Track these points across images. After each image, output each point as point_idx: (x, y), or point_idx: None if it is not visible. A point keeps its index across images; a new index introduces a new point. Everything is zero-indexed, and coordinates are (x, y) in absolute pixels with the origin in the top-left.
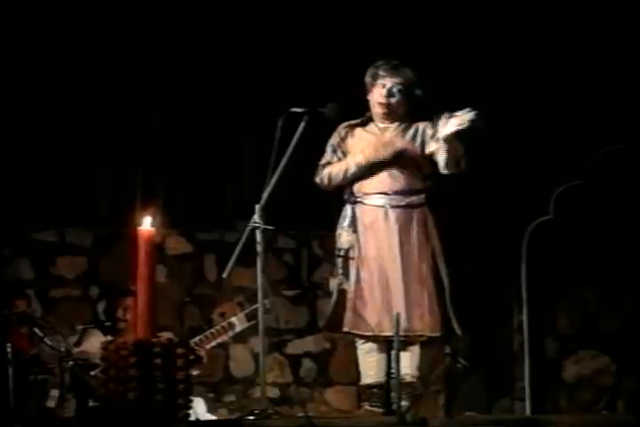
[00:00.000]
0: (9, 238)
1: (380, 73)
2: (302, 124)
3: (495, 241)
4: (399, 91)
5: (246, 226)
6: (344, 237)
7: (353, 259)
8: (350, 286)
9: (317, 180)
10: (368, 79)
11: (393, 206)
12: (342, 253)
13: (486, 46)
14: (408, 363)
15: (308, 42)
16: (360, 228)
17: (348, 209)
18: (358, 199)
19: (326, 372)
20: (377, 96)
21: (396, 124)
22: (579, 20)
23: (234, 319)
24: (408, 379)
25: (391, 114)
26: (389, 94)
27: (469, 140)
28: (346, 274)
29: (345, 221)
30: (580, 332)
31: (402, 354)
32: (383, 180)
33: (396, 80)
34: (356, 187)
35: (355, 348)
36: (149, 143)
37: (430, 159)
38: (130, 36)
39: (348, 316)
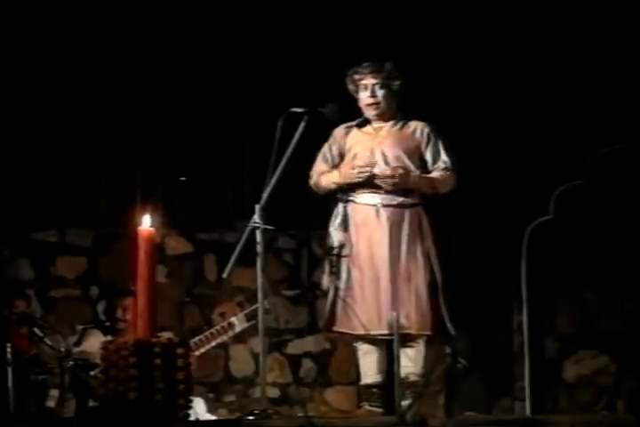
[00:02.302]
0: (9, 238)
1: (359, 76)
2: (302, 124)
3: (495, 241)
4: (381, 87)
5: (246, 226)
6: (335, 236)
7: (343, 257)
8: (341, 285)
9: (310, 184)
10: (351, 87)
11: (384, 205)
12: (334, 251)
13: (487, 46)
14: (412, 362)
15: (308, 42)
16: (351, 226)
17: (340, 207)
18: (350, 198)
19: (326, 372)
20: (364, 98)
21: (391, 122)
22: (579, 19)
23: (234, 319)
24: (412, 378)
25: (383, 113)
26: (373, 94)
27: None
28: (337, 273)
29: (336, 220)
30: (579, 332)
31: (405, 353)
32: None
33: (375, 78)
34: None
35: (354, 348)
36: (149, 143)
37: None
38: (130, 36)
39: (339, 315)
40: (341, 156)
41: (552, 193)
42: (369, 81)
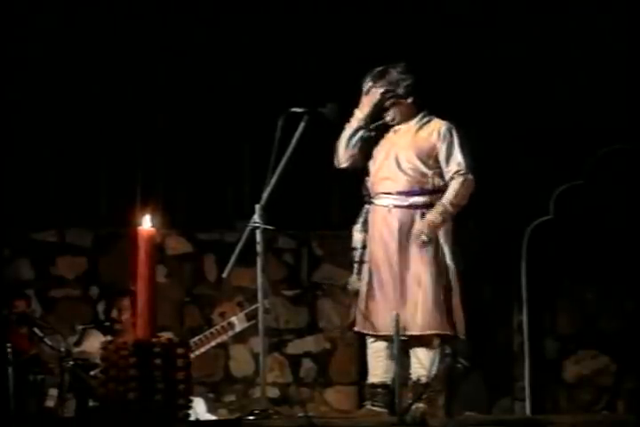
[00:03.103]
0: (9, 238)
1: (367, 85)
2: (302, 124)
3: (495, 241)
4: (389, 95)
5: (246, 226)
6: (356, 236)
7: (363, 259)
8: (362, 286)
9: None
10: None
11: (396, 206)
12: (355, 252)
13: (487, 47)
14: (423, 364)
15: (308, 42)
16: (370, 228)
17: (364, 208)
18: (371, 199)
19: (326, 372)
20: None
21: (411, 123)
22: (579, 20)
23: (234, 319)
24: (423, 380)
25: (395, 118)
26: None
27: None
28: (359, 273)
29: (359, 221)
30: (580, 332)
31: (416, 355)
32: (389, 180)
33: (382, 87)
34: (370, 187)
35: (355, 347)
36: (150, 143)
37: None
38: (131, 36)
39: (359, 315)
40: None
41: (552, 193)
42: (378, 88)
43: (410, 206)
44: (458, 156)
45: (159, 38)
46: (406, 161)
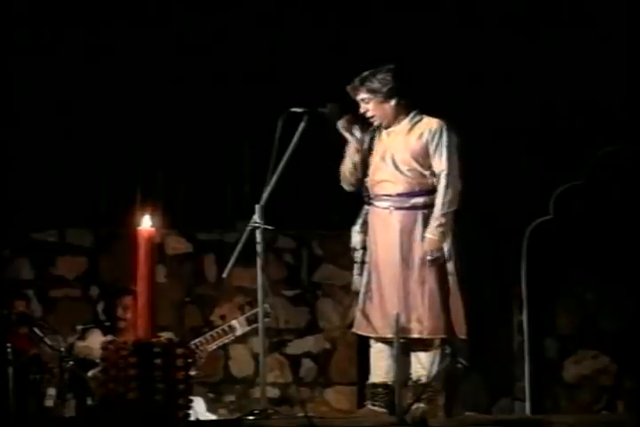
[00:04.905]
0: (9, 238)
1: (351, 93)
2: (302, 124)
3: (495, 241)
4: (370, 100)
5: (246, 226)
6: (355, 238)
7: (364, 260)
8: (362, 287)
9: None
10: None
11: (397, 208)
12: (355, 253)
13: (487, 46)
14: (423, 365)
15: (308, 42)
16: (370, 229)
17: (363, 209)
18: (370, 201)
19: (326, 372)
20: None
21: (402, 123)
22: (579, 20)
23: (234, 322)
24: (424, 380)
25: (382, 122)
26: (365, 108)
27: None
28: (361, 274)
29: (358, 222)
30: (580, 332)
31: (417, 356)
32: (388, 182)
33: (360, 95)
34: (369, 188)
35: (354, 347)
36: (149, 143)
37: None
38: (130, 36)
39: (358, 316)
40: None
41: (552, 193)
42: (358, 96)
43: (411, 207)
44: (444, 155)
45: (159, 38)
46: (403, 163)
